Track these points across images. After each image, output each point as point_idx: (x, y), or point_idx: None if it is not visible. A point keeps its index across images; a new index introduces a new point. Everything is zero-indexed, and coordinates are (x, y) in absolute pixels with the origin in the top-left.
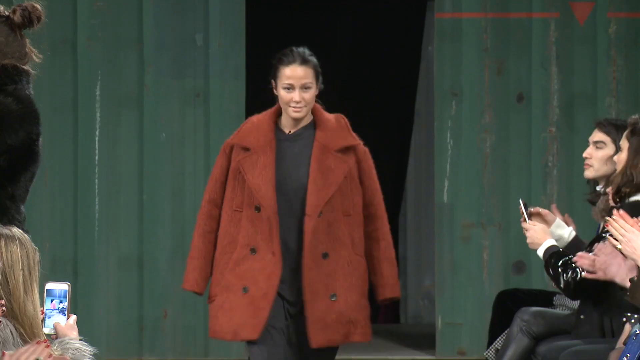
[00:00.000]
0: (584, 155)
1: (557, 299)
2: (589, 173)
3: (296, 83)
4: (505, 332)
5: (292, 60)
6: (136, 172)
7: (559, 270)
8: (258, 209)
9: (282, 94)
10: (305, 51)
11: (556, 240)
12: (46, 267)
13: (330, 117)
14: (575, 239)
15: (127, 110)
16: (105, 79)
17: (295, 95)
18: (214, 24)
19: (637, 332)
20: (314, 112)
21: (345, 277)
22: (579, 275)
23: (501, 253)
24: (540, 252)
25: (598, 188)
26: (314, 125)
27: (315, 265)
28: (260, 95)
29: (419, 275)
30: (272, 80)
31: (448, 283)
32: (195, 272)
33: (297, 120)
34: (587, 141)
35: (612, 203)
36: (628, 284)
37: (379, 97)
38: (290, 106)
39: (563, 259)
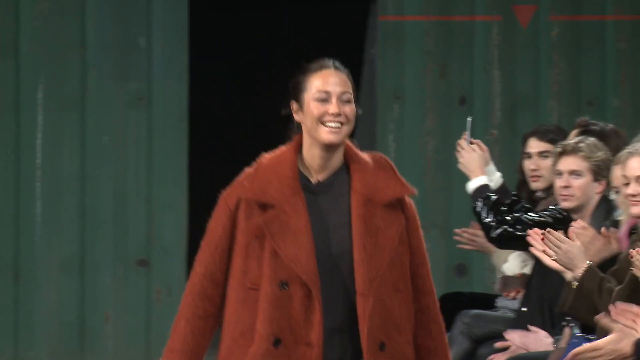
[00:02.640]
0: (532, 167)
1: (499, 301)
2: (539, 184)
3: (333, 90)
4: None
5: (324, 65)
6: (78, 175)
7: (493, 219)
8: (285, 285)
9: (313, 107)
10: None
11: None
12: None
13: (366, 157)
14: (502, 186)
15: (70, 113)
16: (48, 82)
17: (332, 106)
18: (156, 27)
19: (577, 333)
20: (345, 152)
21: None
22: (516, 232)
23: (443, 256)
24: (472, 187)
25: (539, 194)
26: (347, 169)
27: None
28: (203, 98)
29: None
30: (294, 101)
31: None
32: None
33: (326, 158)
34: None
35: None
36: (553, 348)
37: None
38: (324, 123)
39: (498, 208)
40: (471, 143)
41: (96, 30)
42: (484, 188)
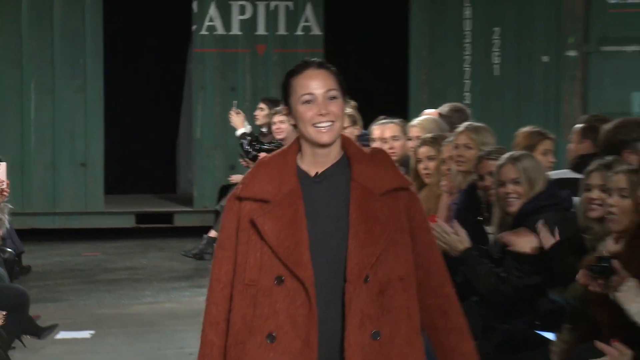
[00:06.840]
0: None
1: None
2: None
3: (317, 91)
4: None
5: (306, 65)
6: (54, 123)
7: (251, 149)
8: (280, 279)
9: (301, 111)
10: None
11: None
12: None
13: (366, 150)
14: (252, 133)
15: (47, 95)
16: (38, 81)
17: (319, 106)
18: (89, 52)
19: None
20: (344, 145)
21: None
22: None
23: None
24: (238, 134)
25: (264, 130)
26: (346, 161)
27: (361, 350)
28: (117, 86)
29: None
30: (285, 105)
31: None
32: None
33: (324, 154)
34: None
35: None
36: None
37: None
38: (314, 125)
39: (251, 143)
40: (237, 113)
41: (59, 51)
42: (244, 134)
